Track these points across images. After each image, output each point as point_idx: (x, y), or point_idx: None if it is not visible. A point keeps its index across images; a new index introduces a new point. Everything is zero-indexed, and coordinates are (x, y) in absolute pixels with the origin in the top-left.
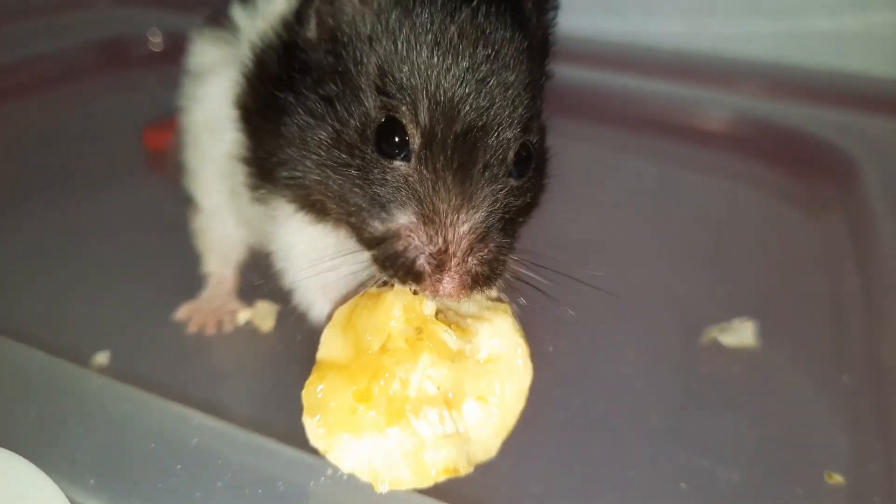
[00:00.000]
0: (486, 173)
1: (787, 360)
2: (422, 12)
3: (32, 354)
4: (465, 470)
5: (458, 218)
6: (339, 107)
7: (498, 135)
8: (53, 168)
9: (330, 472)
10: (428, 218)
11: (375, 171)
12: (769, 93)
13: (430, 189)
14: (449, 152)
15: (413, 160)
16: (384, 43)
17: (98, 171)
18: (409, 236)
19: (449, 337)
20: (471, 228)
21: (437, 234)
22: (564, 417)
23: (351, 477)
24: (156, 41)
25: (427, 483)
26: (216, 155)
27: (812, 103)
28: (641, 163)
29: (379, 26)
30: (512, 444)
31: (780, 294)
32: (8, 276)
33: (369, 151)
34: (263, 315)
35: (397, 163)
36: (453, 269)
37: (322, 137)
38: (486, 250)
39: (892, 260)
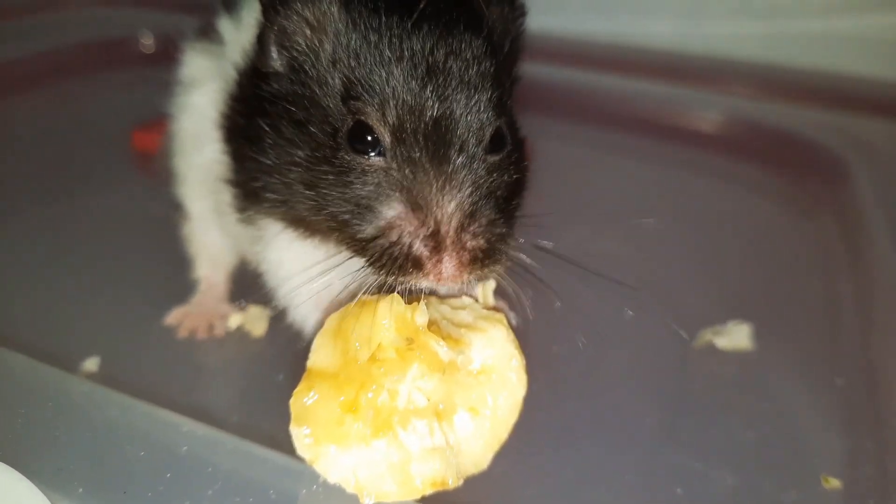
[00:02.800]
0: (463, 154)
1: (781, 362)
2: (378, 28)
3: (20, 360)
4: (454, 483)
5: (443, 198)
6: (310, 129)
7: (468, 119)
8: (42, 169)
9: (321, 479)
10: (415, 204)
11: (354, 172)
12: (760, 94)
13: (411, 177)
14: (422, 141)
15: (387, 155)
16: (346, 61)
17: (87, 172)
18: (400, 225)
19: (440, 348)
20: (458, 206)
21: (427, 217)
22: (558, 420)
23: (342, 486)
24: (147, 43)
25: (414, 496)
26: (201, 164)
27: (804, 104)
28: (632, 164)
29: (339, 48)
30: (505, 447)
31: (774, 296)
32: None
33: (345, 155)
34: (255, 319)
35: (374, 158)
36: (450, 248)
37: (300, 161)
38: (476, 225)
39: (884, 261)
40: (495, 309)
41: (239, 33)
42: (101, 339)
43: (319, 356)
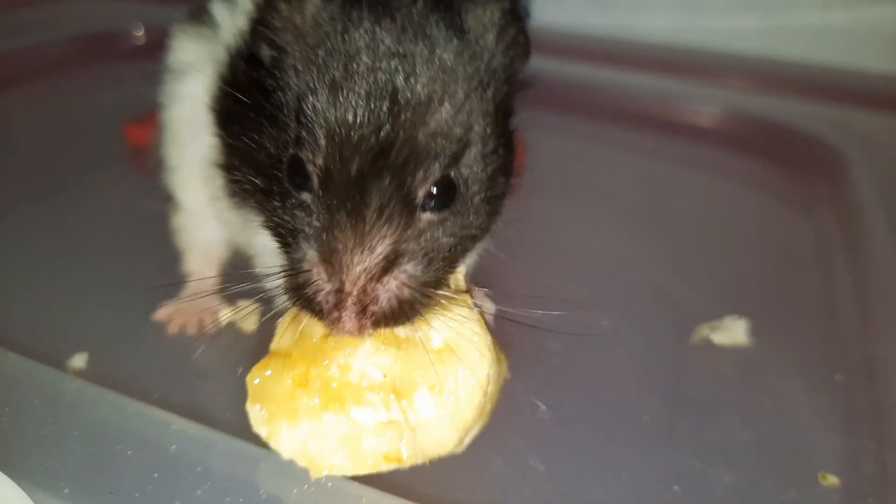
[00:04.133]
0: (384, 214)
1: (779, 358)
2: (340, 47)
3: (5, 356)
4: (412, 460)
5: (353, 259)
6: (272, 130)
7: (400, 176)
8: (32, 164)
9: (313, 479)
10: (326, 256)
11: (290, 200)
12: (759, 88)
13: (328, 228)
14: (343, 193)
15: (314, 198)
16: (305, 75)
17: (78, 166)
18: (310, 272)
19: None
20: (365, 270)
21: (334, 273)
22: (554, 418)
23: (334, 485)
24: (139, 35)
25: (366, 470)
26: (196, 154)
27: (802, 98)
28: (628, 158)
29: (304, 57)
30: (498, 444)
31: (772, 291)
32: None
33: (285, 181)
34: (246, 314)
35: (305, 195)
36: (350, 309)
37: (259, 159)
38: (384, 290)
39: (882, 256)
40: (467, 293)
41: (233, 16)
42: (89, 336)
43: (279, 338)
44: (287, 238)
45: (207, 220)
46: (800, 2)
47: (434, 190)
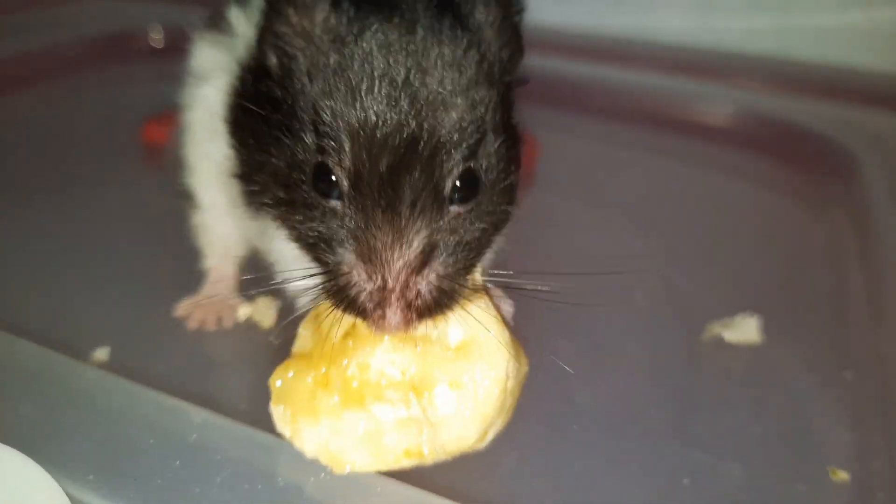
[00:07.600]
0: (417, 207)
1: (790, 355)
2: (354, 50)
3: (32, 349)
4: (433, 456)
5: (393, 255)
6: (288, 141)
7: (429, 169)
8: (52, 162)
9: (330, 468)
10: (366, 256)
11: (317, 209)
12: (772, 88)
13: (364, 228)
14: (375, 192)
15: (345, 200)
16: (319, 80)
17: (97, 165)
18: (349, 273)
19: None
20: (405, 264)
21: (375, 272)
22: (565, 413)
23: (351, 474)
24: (156, 37)
25: (388, 467)
26: (213, 156)
27: (815, 99)
28: (642, 158)
29: (316, 63)
30: (512, 439)
31: (784, 290)
32: (6, 270)
33: (310, 191)
34: (264, 311)
35: (333, 202)
36: (394, 305)
37: (278, 172)
38: (425, 283)
39: (894, 255)
40: (483, 289)
41: (249, 25)
42: (111, 330)
43: (302, 341)
44: (318, 245)
45: (225, 218)
46: (813, 2)
47: (459, 182)
